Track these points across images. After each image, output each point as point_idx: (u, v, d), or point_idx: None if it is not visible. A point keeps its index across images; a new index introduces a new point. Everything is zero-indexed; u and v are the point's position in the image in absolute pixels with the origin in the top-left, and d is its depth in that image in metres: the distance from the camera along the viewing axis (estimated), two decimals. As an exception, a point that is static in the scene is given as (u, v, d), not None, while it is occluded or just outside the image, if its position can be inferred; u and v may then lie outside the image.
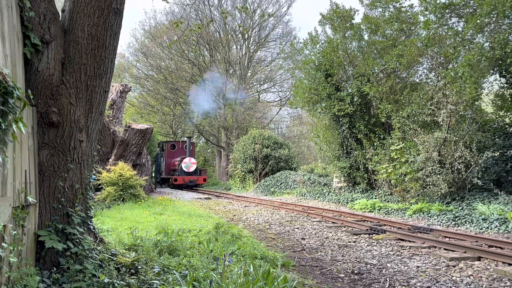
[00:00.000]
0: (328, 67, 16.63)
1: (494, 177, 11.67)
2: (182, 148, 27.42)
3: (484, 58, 10.72)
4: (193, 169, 24.76)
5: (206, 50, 31.68)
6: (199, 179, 24.72)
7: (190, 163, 24.73)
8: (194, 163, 24.95)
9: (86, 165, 3.95)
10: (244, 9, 18.78)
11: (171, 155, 27.39)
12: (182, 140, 29.34)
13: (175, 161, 26.34)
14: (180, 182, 24.08)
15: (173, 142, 28.10)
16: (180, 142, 28.37)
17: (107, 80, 4.03)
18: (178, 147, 27.54)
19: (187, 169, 24.63)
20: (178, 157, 26.62)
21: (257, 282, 3.74)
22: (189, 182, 24.17)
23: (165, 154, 27.43)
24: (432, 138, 12.07)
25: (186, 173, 24.57)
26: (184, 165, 24.65)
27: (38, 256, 3.51)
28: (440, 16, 12.40)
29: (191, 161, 24.86)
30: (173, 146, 27.81)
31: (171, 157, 27.29)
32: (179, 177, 24.25)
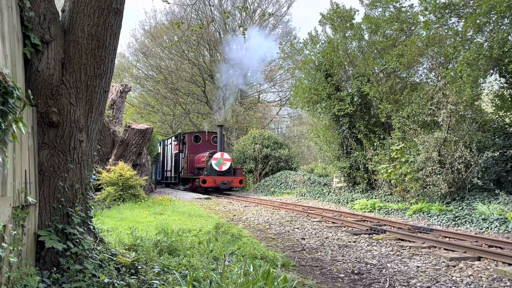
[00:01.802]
0: (328, 67, 16.62)
1: (494, 177, 11.67)
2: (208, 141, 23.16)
3: (481, 56, 10.72)
4: (226, 168, 19.74)
5: (206, 50, 31.68)
6: (234, 181, 19.69)
7: (223, 160, 19.75)
8: (227, 159, 19.90)
9: (86, 165, 3.95)
10: (244, 9, 18.76)
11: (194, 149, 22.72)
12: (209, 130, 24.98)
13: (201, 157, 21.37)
14: (210, 184, 19.15)
15: (196, 133, 23.47)
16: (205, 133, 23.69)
17: (107, 80, 4.03)
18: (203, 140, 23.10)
19: (219, 167, 19.70)
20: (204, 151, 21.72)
21: (257, 282, 3.74)
22: (221, 184, 19.25)
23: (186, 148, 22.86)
24: (432, 138, 12.07)
25: (217, 173, 19.68)
26: (215, 162, 19.61)
27: (38, 256, 3.51)
28: (440, 16, 12.40)
29: (224, 157, 19.82)
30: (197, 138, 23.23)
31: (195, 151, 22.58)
32: (208, 177, 19.19)
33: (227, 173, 19.81)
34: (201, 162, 21.03)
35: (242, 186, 20.39)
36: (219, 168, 19.69)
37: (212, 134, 23.50)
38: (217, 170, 19.65)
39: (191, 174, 22.11)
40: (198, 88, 31.91)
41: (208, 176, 19.35)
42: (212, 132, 24.07)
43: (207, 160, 20.16)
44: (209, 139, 23.20)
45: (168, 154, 27.24)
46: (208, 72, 30.56)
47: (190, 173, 22.17)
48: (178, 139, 24.28)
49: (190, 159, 22.34)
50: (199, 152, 22.29)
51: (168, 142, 27.27)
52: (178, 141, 24.30)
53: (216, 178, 19.30)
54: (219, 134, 20.35)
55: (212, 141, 23.15)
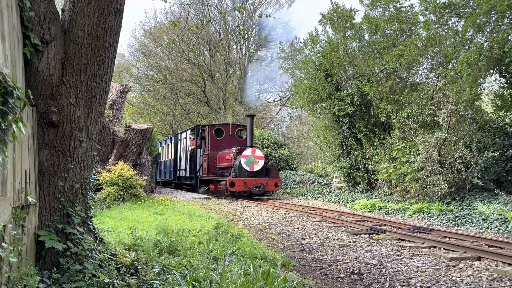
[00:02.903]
0: (328, 67, 16.63)
1: (494, 177, 11.67)
2: (233, 135, 19.66)
3: (482, 57, 10.73)
4: (259, 167, 16.44)
5: (206, 50, 31.67)
6: (268, 183, 16.21)
7: (255, 158, 16.41)
8: (260, 157, 16.53)
9: (86, 165, 3.95)
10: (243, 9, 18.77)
11: (216, 145, 19.22)
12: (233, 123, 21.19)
13: (225, 154, 17.98)
14: (240, 187, 15.86)
15: (218, 126, 19.95)
16: (229, 126, 19.89)
17: (107, 80, 4.03)
18: (227, 134, 19.55)
19: (250, 167, 16.36)
20: (228, 147, 18.38)
21: (257, 282, 3.74)
22: (254, 187, 15.84)
23: (205, 143, 19.44)
24: (432, 138, 12.07)
25: (248, 174, 16.33)
26: (245, 161, 16.31)
27: (38, 256, 3.51)
28: (440, 16, 12.41)
29: (256, 154, 16.47)
30: (219, 131, 19.63)
31: (216, 148, 19.14)
32: (237, 179, 15.91)
33: (259, 174, 16.47)
34: (225, 160, 17.61)
35: (278, 189, 16.81)
36: (250, 168, 16.29)
37: (237, 127, 20.19)
38: (247, 171, 16.25)
39: (212, 175, 18.64)
40: (198, 88, 31.90)
41: (237, 178, 15.93)
42: (237, 125, 20.74)
43: (234, 158, 16.75)
44: (233, 133, 19.62)
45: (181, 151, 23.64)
46: (208, 72, 30.55)
47: (211, 173, 18.72)
48: (195, 133, 20.67)
49: (211, 156, 18.82)
50: (221, 148, 18.95)
51: (181, 137, 23.89)
52: (195, 135, 20.64)
53: (247, 181, 15.82)
54: (250, 126, 16.90)
55: (237, 135, 19.80)
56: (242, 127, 20.44)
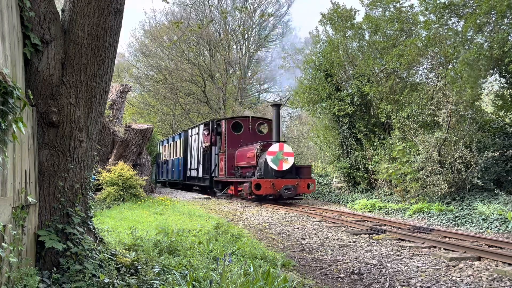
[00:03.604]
0: (328, 67, 16.64)
1: (494, 177, 11.67)
2: (253, 130, 17.11)
3: (482, 57, 10.73)
4: (288, 165, 14.15)
5: (206, 50, 31.68)
6: (300, 185, 13.90)
7: (283, 155, 14.12)
8: (289, 153, 14.25)
9: (86, 165, 3.95)
10: (244, 9, 18.70)
11: (234, 141, 16.74)
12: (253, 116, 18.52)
13: (246, 151, 15.56)
14: (267, 190, 13.56)
15: (236, 119, 17.52)
16: (248, 119, 17.33)
17: (107, 80, 4.03)
18: (246, 128, 17.04)
19: (278, 165, 14.01)
20: (249, 143, 16.06)
21: (257, 282, 3.74)
22: (284, 190, 13.58)
23: (222, 139, 17.14)
24: (432, 138, 12.07)
25: (275, 173, 14.03)
26: (271, 158, 13.99)
27: (38, 256, 3.51)
28: (440, 16, 12.41)
29: (285, 150, 14.18)
30: (237, 126, 17.14)
31: (235, 144, 16.67)
32: (263, 180, 13.63)
33: (288, 174, 14.19)
34: (246, 158, 15.31)
35: (311, 191, 14.38)
36: (278, 166, 13.96)
37: (258, 121, 17.66)
38: (275, 170, 13.96)
39: (230, 176, 16.38)
40: (198, 88, 31.91)
41: (263, 179, 13.65)
42: (257, 118, 18.19)
43: (258, 155, 14.47)
44: (253, 127, 17.16)
45: (193, 148, 21.29)
46: (208, 72, 30.56)
47: (229, 174, 16.47)
48: (209, 128, 18.35)
49: (228, 154, 16.55)
50: (241, 144, 16.57)
51: (192, 132, 21.55)
52: (209, 130, 18.32)
53: (275, 182, 13.53)
54: (275, 117, 14.53)
55: (257, 129, 17.38)
56: (263, 120, 18.05)
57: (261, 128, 17.73)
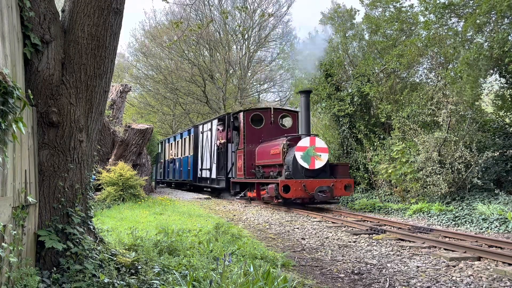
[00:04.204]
0: (328, 67, 16.64)
1: (494, 177, 11.68)
2: (275, 123, 15.06)
3: (482, 57, 10.74)
4: (322, 163, 12.10)
5: (206, 50, 31.68)
6: (337, 185, 11.86)
7: (314, 151, 11.99)
8: (323, 149, 12.15)
9: (86, 165, 3.95)
10: (244, 9, 18.66)
11: (254, 136, 14.78)
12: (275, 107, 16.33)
13: (269, 147, 13.57)
14: (297, 192, 11.54)
15: (256, 111, 15.39)
16: (270, 110, 15.18)
17: (107, 80, 4.03)
18: (267, 121, 14.99)
19: (309, 163, 11.96)
20: (272, 138, 14.08)
21: (257, 282, 3.74)
22: (318, 192, 11.48)
23: (240, 135, 15.18)
24: (432, 138, 12.08)
25: (306, 173, 12.02)
26: (301, 155, 11.90)
27: (38, 256, 3.51)
28: (440, 16, 12.42)
29: (317, 145, 12.07)
30: (257, 118, 15.17)
31: (255, 139, 14.71)
32: (292, 181, 11.60)
33: (321, 173, 12.16)
34: (270, 156, 13.33)
35: (349, 194, 12.36)
36: (310, 164, 11.90)
37: (281, 113, 15.60)
38: (306, 169, 11.93)
39: (250, 176, 14.36)
40: (198, 88, 31.91)
41: (292, 180, 11.62)
42: (280, 110, 16.07)
43: (284, 152, 12.41)
44: (275, 120, 15.10)
45: (204, 146, 19.42)
46: (208, 72, 30.56)
47: (249, 174, 14.41)
48: (224, 123, 16.51)
49: (247, 151, 14.57)
50: (262, 140, 14.59)
51: (204, 129, 19.70)
52: (224, 125, 16.50)
53: (307, 183, 11.51)
54: (304, 106, 12.52)
55: (280, 123, 15.40)
56: (286, 112, 15.99)
57: (284, 122, 15.78)
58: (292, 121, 15.55)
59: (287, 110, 16.45)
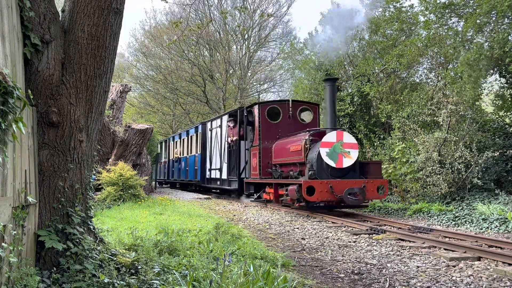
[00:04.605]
0: (328, 67, 16.65)
1: (494, 177, 11.68)
2: (294, 117, 13.66)
3: (483, 57, 10.74)
4: (351, 162, 10.65)
5: (206, 50, 31.68)
6: (369, 187, 10.32)
7: (342, 147, 10.57)
8: (352, 144, 10.73)
9: (86, 165, 3.95)
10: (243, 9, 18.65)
11: (270, 131, 13.35)
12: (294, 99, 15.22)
13: (288, 143, 12.14)
14: (323, 195, 10.04)
15: (272, 104, 13.99)
16: (287, 103, 13.79)
17: (107, 80, 4.03)
18: (285, 115, 13.61)
19: (336, 161, 10.52)
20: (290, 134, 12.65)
21: (257, 282, 3.74)
22: (347, 195, 9.96)
23: (254, 131, 13.92)
24: (432, 138, 12.08)
25: (333, 172, 10.57)
26: (327, 152, 10.47)
27: (38, 256, 3.51)
28: (440, 16, 12.42)
29: (345, 141, 10.63)
30: (274, 112, 13.69)
31: (271, 136, 13.28)
32: (317, 182, 10.13)
33: (350, 172, 10.75)
34: (289, 153, 11.85)
35: (383, 197, 10.82)
36: (337, 162, 10.48)
37: (300, 105, 14.11)
38: (332, 168, 10.50)
39: (267, 176, 12.99)
40: (198, 88, 31.92)
41: (316, 180, 10.18)
42: (300, 102, 14.62)
43: (307, 148, 10.96)
44: (294, 113, 13.71)
45: (213, 144, 18.13)
46: (208, 72, 30.56)
47: (265, 174, 13.04)
48: (235, 119, 15.28)
49: (263, 149, 13.11)
50: (279, 136, 13.23)
51: (213, 125, 18.36)
52: (235, 121, 15.25)
53: (335, 183, 10.08)
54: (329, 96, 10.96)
55: (299, 117, 13.92)
56: (306, 105, 14.42)
57: (302, 116, 14.22)
58: (313, 115, 14.04)
59: (307, 102, 15.02)
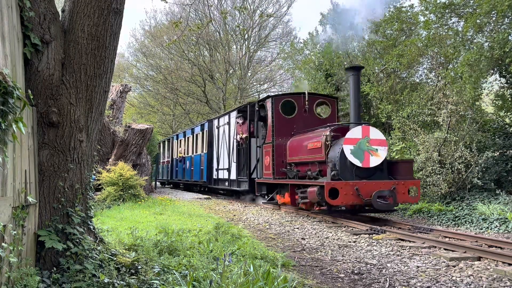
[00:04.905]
0: (328, 67, 16.65)
1: (494, 177, 11.68)
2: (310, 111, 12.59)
3: (483, 57, 10.74)
4: (379, 160, 9.50)
5: (206, 50, 31.68)
6: (399, 189, 9.18)
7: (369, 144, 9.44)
8: (380, 141, 9.55)
9: (86, 165, 3.95)
10: (243, 9, 18.60)
11: (284, 127, 12.29)
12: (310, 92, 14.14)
13: (307, 139, 10.95)
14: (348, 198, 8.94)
15: (287, 97, 12.87)
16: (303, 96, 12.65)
17: (107, 80, 4.03)
18: (301, 109, 12.51)
19: (362, 159, 9.40)
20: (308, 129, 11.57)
21: (257, 282, 3.74)
22: (376, 198, 8.78)
23: (267, 127, 12.86)
24: (432, 138, 12.08)
25: (358, 172, 9.46)
26: (352, 149, 9.37)
27: (38, 256, 3.51)
28: (440, 16, 12.42)
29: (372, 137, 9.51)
30: (289, 106, 12.61)
31: (286, 132, 12.21)
32: (341, 183, 9.02)
33: (377, 173, 9.59)
34: (307, 151, 10.76)
35: (415, 201, 9.78)
36: (363, 161, 9.37)
37: (317, 99, 13.06)
38: (358, 167, 9.39)
39: (281, 176, 11.95)
40: (198, 88, 31.93)
41: (340, 182, 9.08)
42: (317, 95, 13.62)
43: (328, 145, 9.89)
44: (311, 107, 12.65)
45: (220, 143, 17.30)
46: (208, 72, 30.57)
47: (279, 173, 11.99)
48: (244, 115, 14.42)
49: (277, 146, 12.07)
50: (294, 132, 12.19)
51: (220, 123, 17.49)
52: (245, 118, 14.42)
53: (360, 185, 8.99)
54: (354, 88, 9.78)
55: (316, 111, 12.89)
56: (323, 98, 13.38)
57: (319, 111, 13.31)
58: (331, 109, 13.04)
59: (325, 95, 14.09)
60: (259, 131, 13.71)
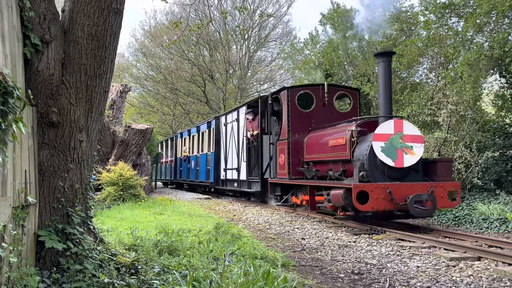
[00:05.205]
0: (328, 67, 16.65)
1: (494, 177, 11.68)
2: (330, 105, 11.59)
3: (483, 57, 10.73)
4: (414, 160, 8.32)
5: (206, 50, 31.68)
6: (437, 192, 8.00)
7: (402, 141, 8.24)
8: (415, 137, 8.38)
9: (86, 165, 3.95)
10: (243, 9, 18.53)
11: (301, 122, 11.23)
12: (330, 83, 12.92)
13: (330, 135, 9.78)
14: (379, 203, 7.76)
15: (304, 89, 11.70)
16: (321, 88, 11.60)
17: (107, 80, 4.03)
18: (319, 102, 11.46)
19: (394, 158, 8.18)
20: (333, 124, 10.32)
21: (257, 282, 3.74)
22: (413, 203, 7.66)
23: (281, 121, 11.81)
24: (432, 138, 12.07)
25: (390, 173, 8.27)
26: (383, 146, 8.12)
27: (38, 256, 3.51)
28: (440, 16, 12.41)
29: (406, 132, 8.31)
30: (306, 98, 11.59)
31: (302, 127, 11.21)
32: (372, 186, 7.77)
33: (412, 173, 8.53)
34: (328, 148, 9.69)
35: (455, 205, 8.80)
36: (396, 160, 8.28)
37: (338, 91, 12.06)
38: (390, 167, 8.29)
39: (297, 176, 10.93)
40: (198, 88, 31.93)
41: (369, 184, 7.92)
42: (337, 87, 12.63)
43: (353, 142, 8.78)
44: (330, 100, 11.63)
45: (229, 141, 16.30)
46: (208, 72, 30.56)
47: (295, 173, 10.95)
48: (255, 111, 13.60)
49: (293, 142, 11.04)
50: (312, 128, 11.18)
51: (228, 120, 16.51)
52: (255, 113, 13.59)
53: (394, 188, 7.90)
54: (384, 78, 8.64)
55: (336, 105, 12.01)
56: (344, 90, 12.42)
57: (339, 105, 12.43)
58: (352, 102, 12.10)
59: (345, 87, 13.04)
60: (272, 127, 12.67)
